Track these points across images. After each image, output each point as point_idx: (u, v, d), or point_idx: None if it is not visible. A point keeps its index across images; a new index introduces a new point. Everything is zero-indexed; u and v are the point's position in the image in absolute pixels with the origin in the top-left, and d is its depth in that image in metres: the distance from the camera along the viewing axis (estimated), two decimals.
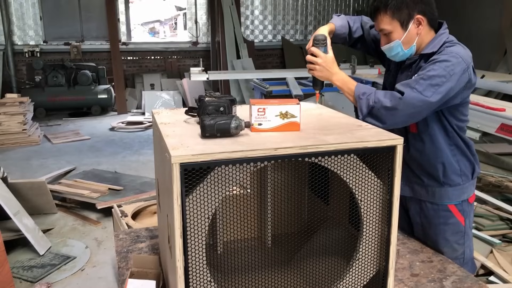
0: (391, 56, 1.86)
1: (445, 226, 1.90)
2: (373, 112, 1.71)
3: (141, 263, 1.64)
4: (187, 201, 1.14)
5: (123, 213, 3.44)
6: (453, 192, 1.88)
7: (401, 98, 1.66)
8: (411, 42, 1.80)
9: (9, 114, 6.69)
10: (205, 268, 1.20)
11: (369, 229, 1.35)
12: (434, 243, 1.93)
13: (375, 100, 1.71)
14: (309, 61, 1.84)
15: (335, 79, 1.83)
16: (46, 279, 3.19)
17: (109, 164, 5.78)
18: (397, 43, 1.79)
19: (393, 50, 1.82)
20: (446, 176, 1.86)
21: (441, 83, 1.65)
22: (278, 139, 1.28)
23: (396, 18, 1.76)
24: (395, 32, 1.78)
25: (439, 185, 1.88)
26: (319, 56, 1.81)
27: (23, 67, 9.11)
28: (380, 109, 1.69)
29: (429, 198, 1.91)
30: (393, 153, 1.30)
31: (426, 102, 1.66)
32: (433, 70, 1.67)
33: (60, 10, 9.21)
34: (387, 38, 1.82)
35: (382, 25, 1.79)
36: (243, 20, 10.22)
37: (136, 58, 9.80)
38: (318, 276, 1.45)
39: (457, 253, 1.93)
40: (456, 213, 1.90)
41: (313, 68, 1.83)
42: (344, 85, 1.83)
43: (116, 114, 9.00)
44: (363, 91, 1.77)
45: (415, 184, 1.94)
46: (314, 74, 1.84)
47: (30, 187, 4.13)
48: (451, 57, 1.68)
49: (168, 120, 1.53)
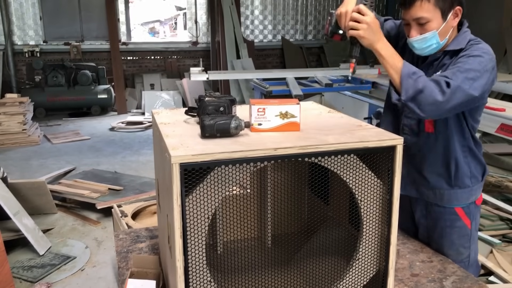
0: (421, 49, 1.72)
1: (451, 229, 1.86)
2: (418, 98, 1.57)
3: (141, 263, 1.64)
4: (187, 201, 1.14)
5: (123, 213, 3.44)
6: (462, 194, 1.83)
7: (449, 90, 1.56)
8: (446, 34, 1.69)
9: (9, 114, 6.69)
10: (205, 268, 1.20)
11: (369, 229, 1.35)
12: (439, 246, 1.89)
13: (424, 85, 1.57)
14: (354, 19, 1.61)
15: (380, 46, 1.64)
16: (46, 279, 3.19)
17: (109, 164, 5.78)
18: (433, 34, 1.66)
19: (427, 42, 1.68)
20: (456, 177, 1.81)
21: (476, 77, 1.58)
22: (278, 139, 1.28)
23: (439, 6, 1.63)
24: (434, 22, 1.65)
25: (449, 187, 1.82)
26: (368, 14, 1.61)
27: (23, 67, 9.10)
28: (427, 97, 1.56)
29: (436, 200, 1.86)
30: (393, 153, 1.30)
31: (468, 96, 1.58)
32: (468, 64, 1.60)
33: (60, 10, 9.21)
34: (421, 28, 1.67)
35: (421, 12, 1.64)
36: (243, 20, 10.22)
37: (136, 58, 9.80)
38: (318, 276, 1.45)
39: (462, 256, 1.89)
40: (462, 216, 1.85)
41: (359, 27, 1.61)
42: (389, 57, 1.65)
43: (116, 114, 9.00)
44: (413, 70, 1.62)
45: (422, 185, 1.88)
46: (359, 35, 1.62)
47: (30, 187, 4.13)
48: (483, 53, 1.62)
49: (168, 120, 1.53)
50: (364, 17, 1.61)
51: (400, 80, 1.61)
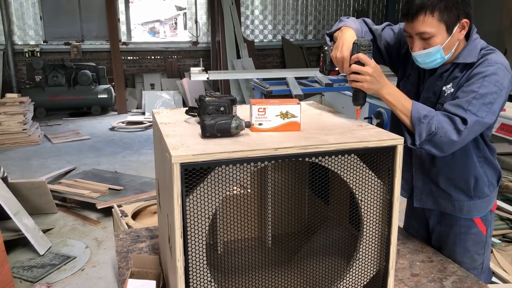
0: (425, 63, 1.63)
1: (465, 236, 1.80)
2: (434, 140, 1.52)
3: (141, 263, 1.64)
4: (187, 201, 1.14)
5: (123, 213, 3.44)
6: (481, 204, 1.77)
7: (465, 128, 1.50)
8: (451, 48, 1.60)
9: (9, 114, 6.69)
10: (205, 268, 1.20)
11: (369, 229, 1.35)
12: (452, 252, 1.84)
13: (438, 126, 1.51)
14: (355, 71, 1.52)
15: (386, 92, 1.57)
16: (46, 279, 3.19)
17: (109, 164, 5.78)
18: (437, 49, 1.58)
19: (430, 57, 1.60)
20: (476, 189, 1.75)
21: (493, 100, 1.52)
22: (278, 139, 1.28)
23: (443, 20, 1.53)
24: (438, 36, 1.56)
25: (469, 198, 1.76)
26: (368, 64, 1.51)
27: (23, 67, 9.10)
28: (442, 138, 1.51)
29: (455, 212, 1.79)
30: (393, 153, 1.30)
31: (485, 125, 1.55)
32: (484, 87, 1.53)
33: (60, 10, 9.21)
34: (425, 43, 1.58)
35: (424, 27, 1.54)
36: (243, 20, 10.22)
37: (136, 58, 9.80)
38: (318, 276, 1.45)
39: (476, 263, 1.83)
40: (478, 223, 1.80)
41: (361, 79, 1.52)
42: (397, 101, 1.58)
43: (116, 114, 9.00)
44: (424, 113, 1.54)
45: (440, 197, 1.80)
46: (363, 87, 1.54)
47: (30, 187, 4.13)
48: (498, 69, 1.55)
49: (168, 120, 1.53)
50: (365, 69, 1.51)
51: (412, 125, 1.56)
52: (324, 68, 1.70)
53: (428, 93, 1.72)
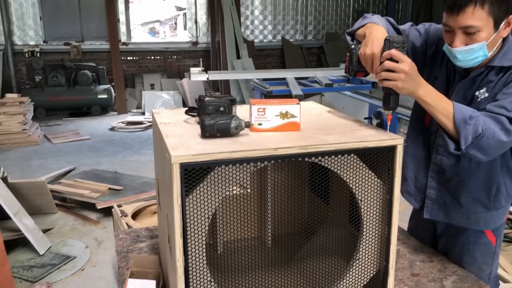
0: (465, 61, 1.51)
1: (474, 246, 1.74)
2: (481, 143, 1.41)
3: (141, 263, 1.64)
4: (187, 201, 1.14)
5: (123, 213, 3.44)
6: (498, 215, 1.69)
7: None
8: (494, 46, 1.49)
9: (9, 114, 6.69)
10: (205, 268, 1.20)
11: (369, 229, 1.35)
12: (459, 261, 1.77)
13: (484, 127, 1.40)
14: (389, 68, 1.38)
15: (424, 93, 1.44)
16: (46, 278, 3.19)
17: (109, 164, 5.78)
18: (481, 45, 1.46)
19: (473, 53, 1.48)
20: (496, 200, 1.66)
21: None
22: (278, 139, 1.28)
23: (493, 13, 1.42)
24: (484, 31, 1.44)
25: (486, 210, 1.67)
26: (404, 61, 1.37)
27: (23, 67, 9.10)
28: (490, 140, 1.40)
29: (471, 225, 1.70)
30: (393, 153, 1.30)
31: None
32: None
33: (60, 10, 9.21)
34: (468, 38, 1.46)
35: (471, 20, 1.42)
36: (243, 20, 10.23)
37: (136, 58, 9.80)
38: (318, 276, 1.45)
39: (484, 273, 1.77)
40: (488, 234, 1.73)
41: (396, 77, 1.38)
42: (437, 103, 1.46)
43: (116, 114, 9.00)
44: (469, 113, 1.42)
45: (454, 211, 1.71)
46: (397, 86, 1.39)
47: (30, 187, 4.13)
48: None
49: (168, 120, 1.53)
50: (401, 65, 1.37)
51: (456, 128, 1.43)
52: (350, 68, 1.53)
53: (457, 97, 1.59)
